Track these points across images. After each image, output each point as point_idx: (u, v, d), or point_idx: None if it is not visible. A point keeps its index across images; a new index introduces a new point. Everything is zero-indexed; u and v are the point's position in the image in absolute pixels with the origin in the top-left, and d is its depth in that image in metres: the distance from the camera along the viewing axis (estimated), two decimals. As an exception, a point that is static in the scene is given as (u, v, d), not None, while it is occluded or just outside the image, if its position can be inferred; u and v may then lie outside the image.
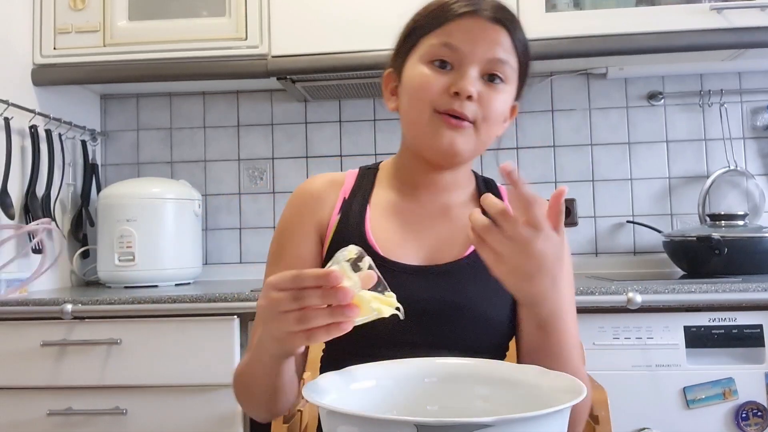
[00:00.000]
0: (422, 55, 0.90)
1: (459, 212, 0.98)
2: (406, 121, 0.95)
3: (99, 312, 1.63)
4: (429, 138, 0.90)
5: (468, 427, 0.52)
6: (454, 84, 0.87)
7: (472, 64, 0.87)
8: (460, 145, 0.89)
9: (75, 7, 1.97)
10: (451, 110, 0.87)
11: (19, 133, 1.91)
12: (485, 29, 0.88)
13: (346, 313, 0.65)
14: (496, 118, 0.90)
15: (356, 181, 1.02)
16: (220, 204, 2.34)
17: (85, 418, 1.62)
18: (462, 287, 0.91)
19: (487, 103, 0.88)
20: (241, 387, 0.90)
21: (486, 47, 0.87)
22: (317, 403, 0.59)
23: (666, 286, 1.54)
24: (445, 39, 0.88)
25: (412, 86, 0.91)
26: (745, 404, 1.50)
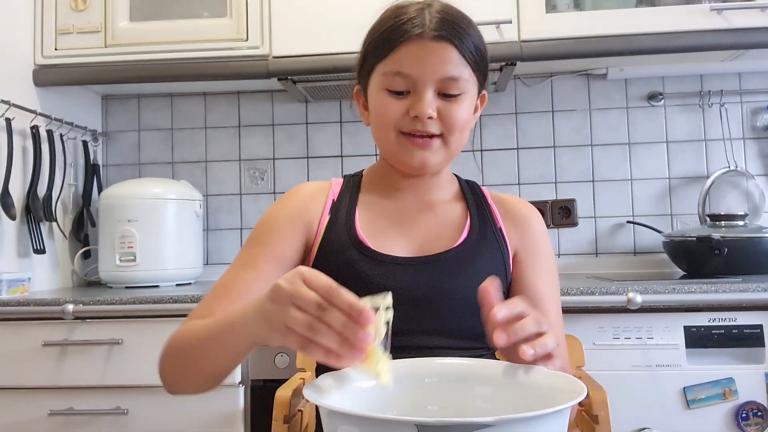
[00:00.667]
0: (379, 83, 0.94)
1: (444, 208, 1.03)
2: (378, 141, 1.00)
3: (100, 312, 1.63)
4: (400, 156, 0.95)
5: (468, 427, 0.52)
6: (412, 108, 0.91)
7: (425, 86, 0.91)
8: (430, 161, 0.95)
9: (76, 8, 1.97)
10: (414, 131, 0.92)
11: (20, 133, 1.92)
12: (432, 50, 0.90)
13: (354, 354, 0.63)
14: (462, 126, 0.94)
15: (342, 186, 1.06)
16: (221, 204, 2.34)
17: (86, 418, 1.62)
18: (451, 274, 0.94)
19: (448, 117, 0.92)
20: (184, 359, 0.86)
21: (435, 68, 0.90)
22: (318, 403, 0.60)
23: (666, 287, 1.54)
24: (395, 68, 0.91)
25: (375, 113, 0.96)
26: (746, 404, 1.50)
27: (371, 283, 0.91)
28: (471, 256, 0.96)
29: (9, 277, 1.75)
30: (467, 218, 1.01)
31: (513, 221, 1.03)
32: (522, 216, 1.04)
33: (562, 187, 2.24)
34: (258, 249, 0.97)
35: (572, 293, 1.52)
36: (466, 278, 0.93)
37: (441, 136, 0.94)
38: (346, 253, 0.95)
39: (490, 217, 1.03)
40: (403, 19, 0.92)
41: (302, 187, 1.06)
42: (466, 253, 0.97)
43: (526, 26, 1.86)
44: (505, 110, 2.27)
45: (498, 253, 0.99)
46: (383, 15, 0.97)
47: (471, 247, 0.97)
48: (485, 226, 1.01)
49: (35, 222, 1.93)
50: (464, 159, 2.20)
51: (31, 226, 1.93)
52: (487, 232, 1.00)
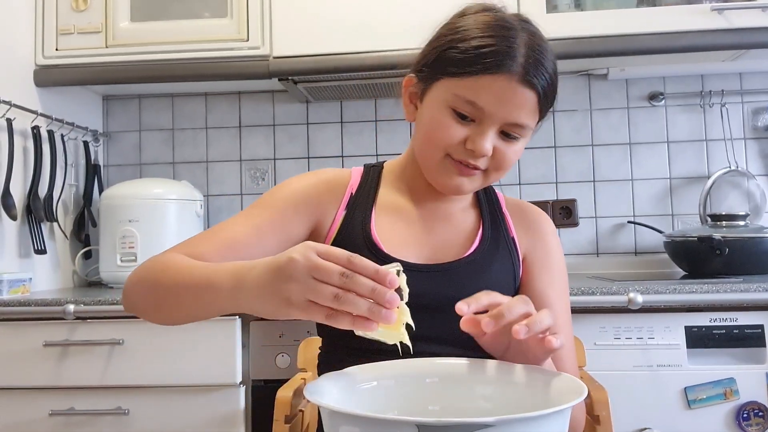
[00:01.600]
0: (445, 99, 0.89)
1: (460, 217, 1.02)
2: (419, 151, 0.97)
3: (101, 312, 1.64)
4: (438, 176, 0.93)
5: (469, 427, 0.52)
6: (471, 141, 0.88)
7: (492, 124, 0.88)
8: (467, 187, 0.94)
9: (77, 8, 1.97)
10: (464, 161, 0.90)
11: (21, 134, 1.92)
12: (514, 93, 0.86)
13: (384, 314, 0.63)
14: (508, 167, 0.93)
15: (362, 178, 1.03)
16: (221, 204, 2.34)
17: (87, 419, 1.62)
18: (461, 283, 0.93)
19: (501, 157, 0.90)
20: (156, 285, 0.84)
21: (511, 112, 0.87)
22: (319, 404, 0.60)
23: (667, 287, 1.54)
24: (471, 97, 0.86)
25: (429, 126, 0.92)
26: (746, 404, 1.50)
27: None
28: (482, 266, 0.96)
29: (10, 278, 1.75)
30: (480, 227, 1.01)
31: (525, 227, 1.03)
32: (534, 222, 1.04)
33: (563, 187, 2.24)
34: (267, 212, 0.95)
35: (573, 293, 1.52)
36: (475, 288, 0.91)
37: (485, 171, 0.92)
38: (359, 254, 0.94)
39: (503, 225, 1.02)
40: (496, 47, 0.85)
41: (325, 172, 1.03)
42: (477, 262, 0.96)
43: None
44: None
45: (509, 263, 0.99)
46: (475, 21, 0.89)
47: (482, 257, 0.97)
48: (497, 235, 1.00)
49: (36, 222, 1.93)
50: (465, 159, 2.20)
51: (32, 227, 1.93)
52: (500, 241, 1.00)
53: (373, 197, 1.00)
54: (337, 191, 1.00)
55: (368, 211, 0.98)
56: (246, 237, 0.92)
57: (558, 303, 0.99)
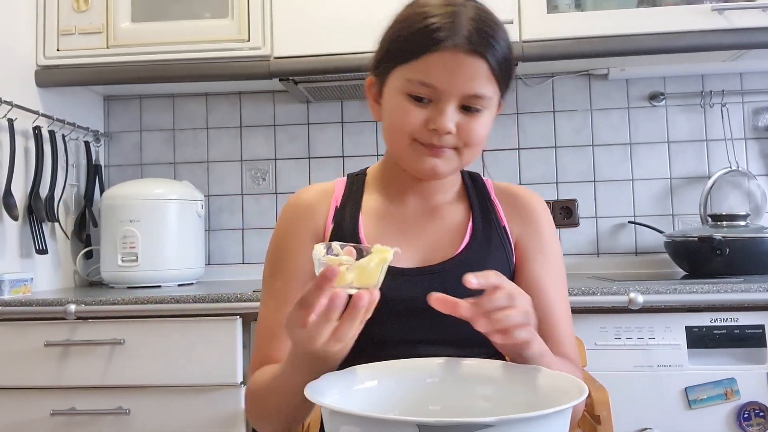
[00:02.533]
0: (399, 87, 0.90)
1: (447, 211, 1.01)
2: (389, 144, 0.97)
3: (102, 312, 1.64)
4: (411, 161, 0.92)
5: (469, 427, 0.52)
6: (432, 120, 0.88)
7: (449, 100, 0.87)
8: (442, 169, 0.92)
9: (78, 9, 1.97)
10: (430, 144, 0.89)
11: (22, 134, 1.92)
12: (463, 65, 0.86)
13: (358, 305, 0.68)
14: (478, 142, 0.91)
15: (345, 188, 1.03)
16: (222, 205, 2.34)
17: (88, 418, 1.63)
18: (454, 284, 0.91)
19: (466, 133, 0.89)
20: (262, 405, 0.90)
21: (464, 83, 0.86)
22: (319, 403, 0.60)
23: (667, 287, 1.54)
24: (422, 77, 0.87)
25: (391, 115, 0.92)
26: (747, 404, 1.50)
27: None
28: (475, 262, 0.94)
29: (11, 278, 1.76)
30: (470, 220, 0.99)
31: (516, 212, 1.01)
32: (525, 205, 1.02)
33: (564, 188, 2.24)
34: (281, 281, 0.96)
35: (574, 293, 1.52)
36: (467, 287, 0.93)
37: (456, 149, 0.91)
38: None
39: (493, 215, 1.00)
40: (435, 23, 0.86)
41: (301, 195, 1.02)
42: (469, 260, 0.95)
43: (527, 26, 1.86)
44: (507, 110, 2.27)
45: (502, 255, 0.97)
46: (413, 9, 0.91)
47: (474, 253, 0.96)
48: (489, 226, 0.99)
49: (37, 222, 1.94)
50: (465, 159, 2.20)
51: (34, 227, 1.93)
52: (491, 232, 0.98)
53: (358, 205, 1.00)
54: (320, 208, 1.00)
55: (355, 219, 0.98)
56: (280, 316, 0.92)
57: (553, 287, 0.97)
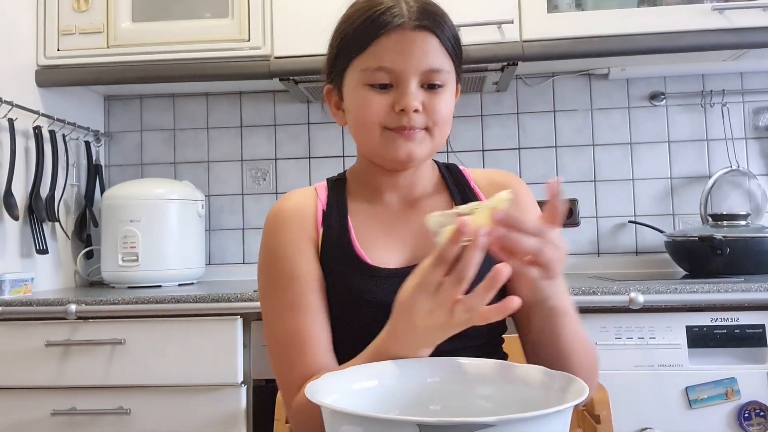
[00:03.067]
0: (358, 80, 0.90)
1: (429, 202, 0.99)
2: (359, 141, 0.96)
3: (103, 312, 1.64)
4: (385, 152, 0.92)
5: (470, 427, 0.52)
6: (397, 102, 0.88)
7: (409, 78, 0.88)
8: (417, 153, 0.91)
9: (78, 9, 1.97)
10: (400, 126, 0.89)
11: (23, 134, 1.92)
12: (414, 41, 0.87)
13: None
14: (446, 119, 0.92)
15: (328, 192, 1.01)
16: (223, 204, 2.34)
17: (89, 418, 1.63)
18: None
19: (433, 110, 0.89)
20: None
21: (419, 59, 0.88)
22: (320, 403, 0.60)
23: (668, 286, 1.54)
24: (377, 62, 0.88)
25: (356, 110, 0.92)
26: (748, 404, 1.50)
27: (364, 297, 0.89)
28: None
29: (12, 277, 1.76)
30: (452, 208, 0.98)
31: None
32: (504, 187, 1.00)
33: (564, 187, 2.23)
34: (290, 291, 0.92)
35: (574, 293, 1.52)
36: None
37: (426, 129, 0.91)
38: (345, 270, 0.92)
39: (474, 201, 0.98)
40: (380, 9, 0.88)
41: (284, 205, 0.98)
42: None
43: (527, 26, 1.86)
44: (507, 110, 2.28)
45: None
46: (354, 7, 0.93)
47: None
48: None
49: (38, 222, 1.94)
50: (466, 159, 2.21)
51: (34, 227, 1.93)
52: None
53: (344, 209, 0.98)
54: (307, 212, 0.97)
55: (344, 224, 0.96)
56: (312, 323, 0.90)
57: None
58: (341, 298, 0.91)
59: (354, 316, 0.90)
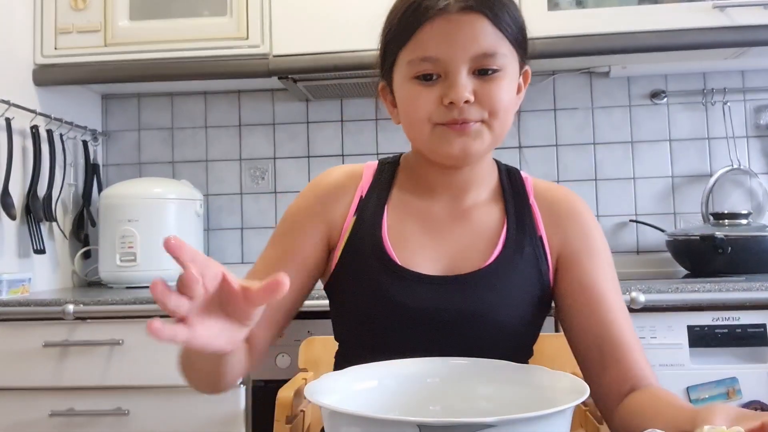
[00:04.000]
0: (404, 74, 0.84)
1: (480, 213, 0.93)
2: (412, 138, 0.90)
3: (101, 312, 1.63)
4: (438, 147, 0.85)
5: (470, 427, 0.51)
6: (445, 95, 0.81)
7: (458, 67, 0.81)
8: (473, 148, 0.84)
9: (76, 7, 1.97)
10: (451, 120, 0.82)
11: (20, 133, 1.92)
12: (460, 26, 0.80)
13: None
14: (506, 107, 0.84)
15: (374, 177, 0.95)
16: (221, 204, 2.34)
17: (87, 419, 1.62)
18: (481, 296, 0.87)
19: (488, 99, 0.82)
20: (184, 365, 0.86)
21: (466, 45, 0.80)
22: (319, 404, 0.59)
23: (669, 286, 1.53)
24: (421, 53, 0.81)
25: (405, 107, 0.86)
26: (749, 404, 1.50)
27: (394, 301, 0.85)
28: (503, 275, 0.88)
29: (9, 278, 1.75)
30: (504, 225, 0.91)
31: (558, 219, 0.92)
32: (567, 211, 0.93)
33: (565, 186, 2.23)
34: (280, 251, 0.91)
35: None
36: (496, 299, 0.86)
37: (482, 121, 0.83)
38: (370, 265, 0.87)
39: (529, 222, 0.92)
40: None
41: (328, 176, 0.95)
42: (498, 272, 0.88)
43: (528, 24, 1.84)
44: (507, 109, 2.27)
45: (533, 267, 0.90)
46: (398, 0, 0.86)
47: (504, 265, 0.88)
48: (523, 235, 0.91)
49: (35, 222, 1.93)
50: (466, 158, 2.20)
51: (31, 226, 1.92)
52: (524, 242, 0.90)
53: (384, 198, 0.92)
54: (343, 195, 0.93)
55: (380, 212, 0.91)
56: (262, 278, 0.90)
57: (610, 292, 0.89)
58: (366, 294, 0.88)
59: (378, 313, 0.87)
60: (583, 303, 0.87)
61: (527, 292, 0.89)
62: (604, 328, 0.85)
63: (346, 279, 0.90)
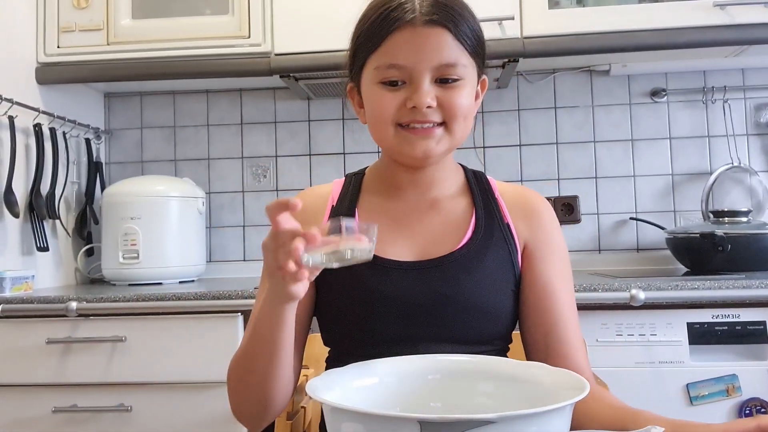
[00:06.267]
0: (372, 77, 0.89)
1: (448, 204, 0.98)
2: (376, 138, 0.95)
3: (104, 309, 1.64)
4: (401, 149, 0.91)
5: (471, 424, 0.52)
6: (409, 99, 0.87)
7: (421, 75, 0.86)
8: (434, 150, 0.90)
9: (78, 6, 1.97)
10: (413, 121, 0.88)
11: (23, 131, 1.92)
12: (425, 37, 0.86)
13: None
14: (465, 113, 0.89)
15: (342, 188, 1.02)
16: (223, 202, 2.34)
17: (90, 415, 1.63)
18: (455, 279, 0.91)
19: (449, 105, 0.88)
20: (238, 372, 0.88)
21: (430, 55, 0.86)
22: (321, 400, 0.60)
23: (669, 283, 1.54)
24: (388, 59, 0.87)
25: (371, 108, 0.92)
26: (749, 401, 1.50)
27: (373, 290, 0.89)
28: (476, 258, 0.93)
29: (13, 275, 1.76)
30: (473, 214, 0.97)
31: (522, 213, 0.98)
32: (531, 208, 0.99)
33: (565, 184, 2.23)
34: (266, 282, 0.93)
35: (575, 290, 1.52)
36: (470, 282, 0.91)
37: (443, 124, 0.89)
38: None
39: (497, 211, 0.98)
40: (392, 5, 0.87)
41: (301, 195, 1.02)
42: (470, 254, 0.93)
43: (528, 22, 1.85)
44: (508, 107, 2.27)
45: (504, 252, 0.95)
46: (370, 5, 0.92)
47: (476, 248, 0.93)
48: (491, 222, 0.96)
49: (38, 220, 1.94)
50: (467, 155, 2.20)
51: (35, 224, 1.93)
52: (494, 228, 0.96)
53: (355, 201, 0.99)
54: (317, 207, 0.99)
55: (351, 214, 0.97)
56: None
57: (563, 291, 0.95)
58: (349, 291, 0.91)
59: (362, 308, 0.90)
60: (536, 297, 0.94)
61: (501, 274, 0.93)
62: (552, 325, 0.92)
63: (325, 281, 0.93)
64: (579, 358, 0.92)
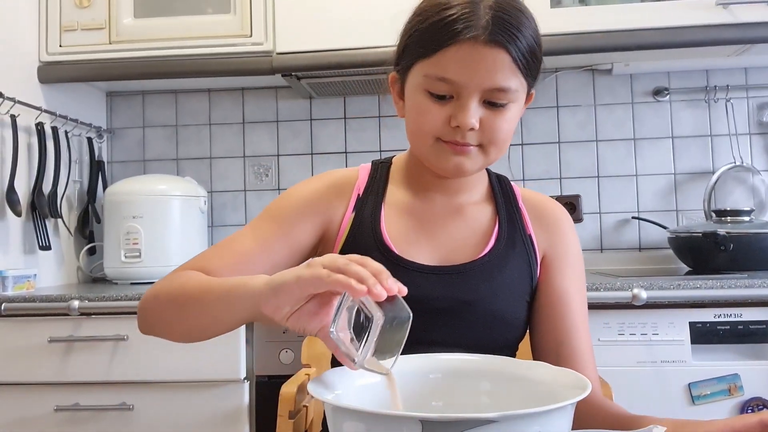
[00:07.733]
0: (419, 83, 0.87)
1: (472, 211, 0.98)
2: (411, 143, 0.94)
3: (106, 308, 1.64)
4: (435, 160, 0.90)
5: (472, 423, 0.52)
6: (454, 117, 0.85)
7: (470, 95, 0.84)
8: (467, 167, 0.89)
9: (81, 5, 1.97)
10: (453, 141, 0.86)
11: (25, 130, 1.92)
12: (482, 57, 0.82)
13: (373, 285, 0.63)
14: (504, 138, 0.88)
15: (369, 176, 1.00)
16: (225, 201, 2.34)
17: (92, 414, 1.63)
18: (475, 286, 0.91)
19: (491, 129, 0.86)
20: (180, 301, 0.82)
21: (484, 77, 0.83)
22: (322, 399, 0.60)
23: (671, 282, 1.54)
24: (440, 72, 0.84)
25: (413, 114, 0.90)
26: (751, 400, 1.50)
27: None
28: (497, 267, 0.93)
29: (15, 274, 1.76)
30: (496, 223, 0.97)
31: (543, 224, 0.99)
32: (552, 219, 1.00)
33: (567, 183, 2.23)
34: (275, 225, 0.94)
35: (577, 289, 1.52)
36: (490, 290, 0.91)
37: (480, 145, 0.88)
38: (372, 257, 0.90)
39: (519, 221, 0.98)
40: (453, 14, 0.82)
41: (330, 174, 1.00)
42: (492, 263, 0.93)
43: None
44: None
45: (524, 262, 0.95)
46: (428, 2, 0.87)
47: (498, 257, 0.94)
48: (514, 231, 0.97)
49: (40, 218, 1.94)
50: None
51: (37, 223, 1.93)
52: (516, 238, 0.96)
53: (381, 195, 0.97)
54: (343, 193, 0.98)
55: (377, 210, 0.95)
56: (254, 250, 0.91)
57: (577, 303, 0.96)
58: None
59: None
60: (551, 307, 0.94)
61: (519, 285, 0.94)
62: (565, 335, 0.92)
63: None
64: (588, 370, 0.92)
